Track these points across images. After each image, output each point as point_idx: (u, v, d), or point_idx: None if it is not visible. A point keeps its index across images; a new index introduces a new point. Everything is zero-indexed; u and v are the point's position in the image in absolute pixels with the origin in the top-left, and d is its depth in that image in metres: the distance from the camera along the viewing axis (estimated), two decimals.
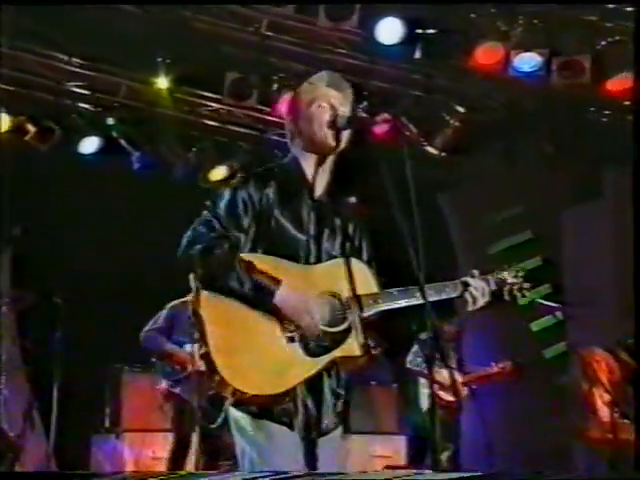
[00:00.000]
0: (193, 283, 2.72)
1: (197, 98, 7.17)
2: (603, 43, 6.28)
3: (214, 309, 2.68)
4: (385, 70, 6.79)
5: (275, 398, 2.65)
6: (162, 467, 6.43)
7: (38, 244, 6.44)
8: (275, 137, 7.79)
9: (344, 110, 2.91)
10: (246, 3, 6.05)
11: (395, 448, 7.31)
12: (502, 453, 6.85)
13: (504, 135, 7.89)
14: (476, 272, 2.91)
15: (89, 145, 7.38)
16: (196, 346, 5.95)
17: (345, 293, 2.76)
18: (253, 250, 2.77)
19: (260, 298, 2.65)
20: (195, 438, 5.77)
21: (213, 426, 2.77)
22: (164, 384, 6.08)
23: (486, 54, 5.96)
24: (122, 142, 7.39)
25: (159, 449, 6.59)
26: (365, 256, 2.95)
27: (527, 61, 6.08)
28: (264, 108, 7.05)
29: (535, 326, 8.02)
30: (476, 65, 6.02)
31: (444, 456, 6.72)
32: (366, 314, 2.75)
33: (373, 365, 2.85)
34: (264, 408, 2.68)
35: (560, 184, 7.93)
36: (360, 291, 2.77)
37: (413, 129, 6.82)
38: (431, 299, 2.70)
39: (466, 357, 6.95)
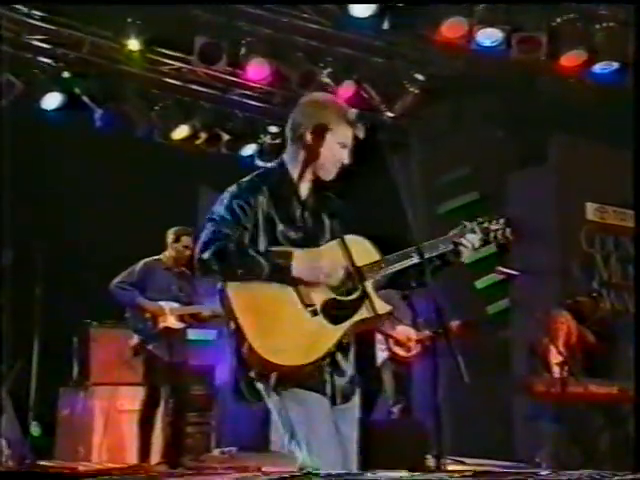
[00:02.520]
0: (219, 284, 2.95)
1: (164, 58, 7.20)
2: (558, 20, 6.61)
3: (242, 298, 2.92)
4: (349, 37, 6.97)
5: (308, 367, 2.94)
6: (130, 420, 6.68)
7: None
8: (236, 97, 7.94)
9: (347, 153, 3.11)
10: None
11: None
12: (451, 407, 7.31)
13: (457, 101, 8.19)
14: (467, 224, 3.18)
15: (51, 101, 7.35)
16: (170, 303, 6.21)
17: (353, 264, 3.04)
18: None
19: (279, 276, 2.92)
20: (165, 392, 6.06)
21: (265, 400, 3.00)
22: (136, 339, 6.23)
23: (451, 28, 6.21)
24: (85, 99, 7.38)
25: (127, 402, 6.80)
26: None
27: (489, 36, 6.37)
28: (228, 69, 7.12)
29: (479, 284, 8.43)
30: (441, 38, 6.27)
31: (396, 408, 7.12)
32: (374, 279, 3.05)
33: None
34: (293, 378, 2.95)
35: (508, 149, 8.30)
36: (365, 261, 3.06)
37: (375, 95, 7.03)
38: (427, 256, 3.05)
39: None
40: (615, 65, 6.80)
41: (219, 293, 2.97)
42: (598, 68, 6.80)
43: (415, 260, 3.05)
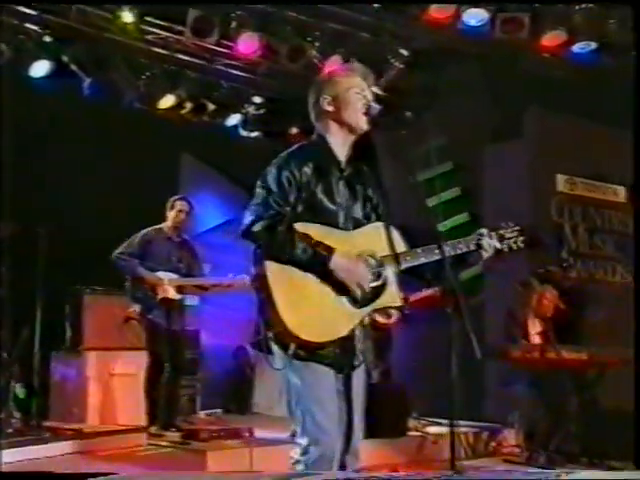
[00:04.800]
0: (258, 254, 3.18)
1: (151, 27, 7.24)
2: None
3: (277, 274, 3.15)
4: (337, 12, 7.10)
5: (327, 344, 3.19)
6: (122, 383, 6.91)
7: None
8: (221, 67, 8.01)
9: (371, 97, 3.37)
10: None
11: None
12: (427, 370, 7.64)
13: (436, 73, 8.37)
14: (484, 231, 3.43)
15: (39, 69, 7.36)
16: (169, 274, 6.40)
17: (380, 253, 3.28)
18: (297, 222, 3.22)
19: (317, 264, 3.15)
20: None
21: (277, 368, 3.23)
22: (136, 308, 6.41)
23: (439, 9, 6.41)
24: (73, 67, 7.41)
25: (119, 366, 7.01)
26: (381, 215, 3.43)
27: (474, 16, 6.59)
28: (220, 42, 7.20)
29: None
30: (429, 18, 6.46)
31: (375, 372, 7.43)
32: (397, 269, 3.28)
33: None
34: (309, 352, 3.19)
35: (485, 121, 8.53)
36: (391, 250, 3.29)
37: None
38: (448, 255, 3.30)
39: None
40: (593, 45, 7.07)
41: (254, 258, 3.19)
42: (577, 48, 7.08)
43: (438, 256, 3.27)
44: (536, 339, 6.67)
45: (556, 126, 8.17)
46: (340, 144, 3.39)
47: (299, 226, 3.19)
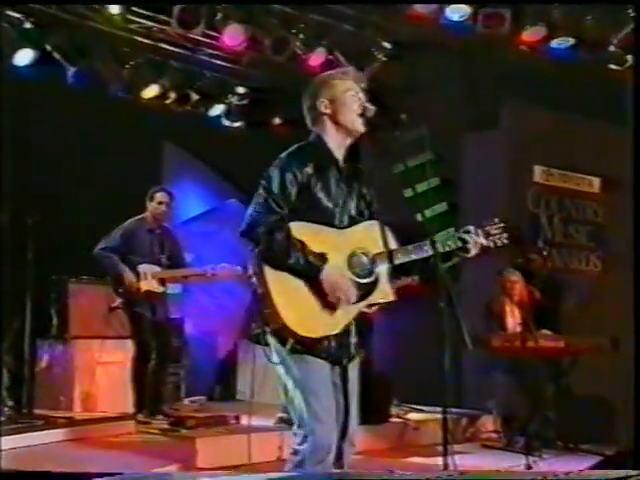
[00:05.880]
0: (256, 254, 3.28)
1: (136, 16, 7.25)
2: None
3: (275, 274, 3.26)
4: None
5: (324, 339, 3.30)
6: (108, 371, 6.99)
7: None
8: (205, 57, 8.05)
9: (365, 99, 3.49)
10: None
11: None
12: (408, 358, 7.81)
13: (416, 64, 8.47)
14: (471, 228, 3.53)
15: (23, 57, 7.35)
16: (153, 267, 6.46)
17: (372, 250, 3.38)
18: (296, 220, 3.33)
19: (310, 273, 3.26)
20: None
21: (275, 362, 3.34)
22: (118, 301, 6.50)
23: (423, 5, 6.52)
24: (56, 56, 7.40)
25: (105, 354, 7.08)
26: (374, 212, 3.54)
27: (457, 11, 6.70)
28: (206, 32, 7.23)
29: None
30: (412, 13, 6.57)
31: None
32: (389, 266, 3.38)
33: None
34: (306, 346, 3.29)
35: (463, 113, 8.67)
36: (382, 247, 3.39)
37: (344, 62, 7.28)
38: (439, 251, 3.39)
39: None
40: (570, 41, 7.23)
41: (253, 257, 3.28)
42: (554, 44, 7.23)
43: (428, 253, 3.38)
44: (516, 328, 6.83)
45: (533, 118, 8.33)
46: (337, 146, 3.49)
47: (296, 225, 3.30)
